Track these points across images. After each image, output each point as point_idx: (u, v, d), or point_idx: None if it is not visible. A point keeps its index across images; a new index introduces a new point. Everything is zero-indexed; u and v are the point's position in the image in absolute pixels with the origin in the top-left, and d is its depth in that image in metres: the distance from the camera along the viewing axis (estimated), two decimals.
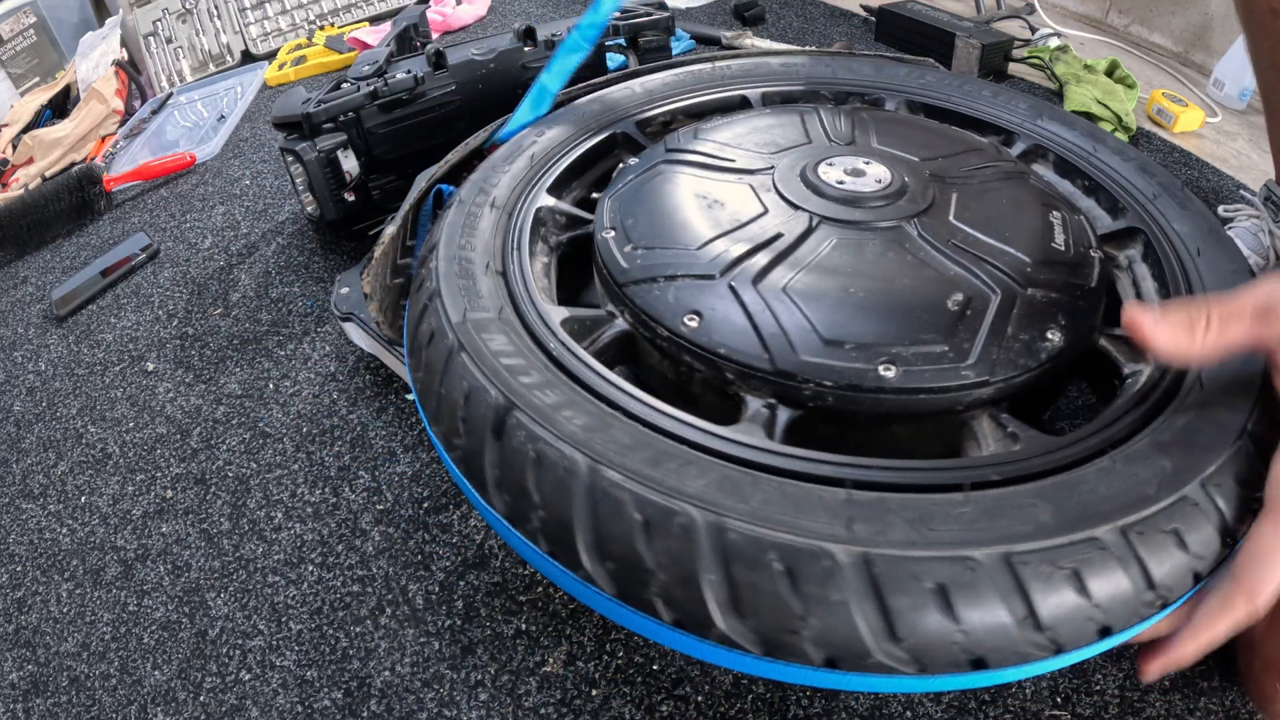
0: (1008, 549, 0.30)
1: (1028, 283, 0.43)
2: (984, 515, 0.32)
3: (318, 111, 0.75)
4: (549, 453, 0.35)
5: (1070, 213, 0.49)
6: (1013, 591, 0.30)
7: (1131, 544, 0.31)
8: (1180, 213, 0.50)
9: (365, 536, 0.57)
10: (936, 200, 0.49)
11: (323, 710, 0.48)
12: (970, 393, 0.39)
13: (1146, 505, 0.32)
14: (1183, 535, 0.32)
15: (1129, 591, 0.31)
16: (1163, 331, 0.35)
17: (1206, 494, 0.33)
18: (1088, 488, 0.33)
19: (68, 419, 0.74)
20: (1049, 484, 0.34)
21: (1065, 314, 0.42)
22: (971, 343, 0.40)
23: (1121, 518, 0.32)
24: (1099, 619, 0.31)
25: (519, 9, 1.47)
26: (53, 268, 0.97)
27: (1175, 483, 0.33)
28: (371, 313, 0.58)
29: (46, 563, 0.61)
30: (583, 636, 0.50)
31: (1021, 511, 0.32)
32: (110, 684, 0.52)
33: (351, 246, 0.86)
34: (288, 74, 1.30)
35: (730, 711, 0.45)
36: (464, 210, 0.52)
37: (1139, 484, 0.33)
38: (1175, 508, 0.33)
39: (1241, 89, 0.99)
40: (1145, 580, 0.31)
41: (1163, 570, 0.31)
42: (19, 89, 1.50)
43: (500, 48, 0.83)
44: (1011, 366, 0.39)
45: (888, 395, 0.38)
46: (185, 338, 0.79)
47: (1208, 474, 0.34)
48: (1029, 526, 0.31)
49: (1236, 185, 0.86)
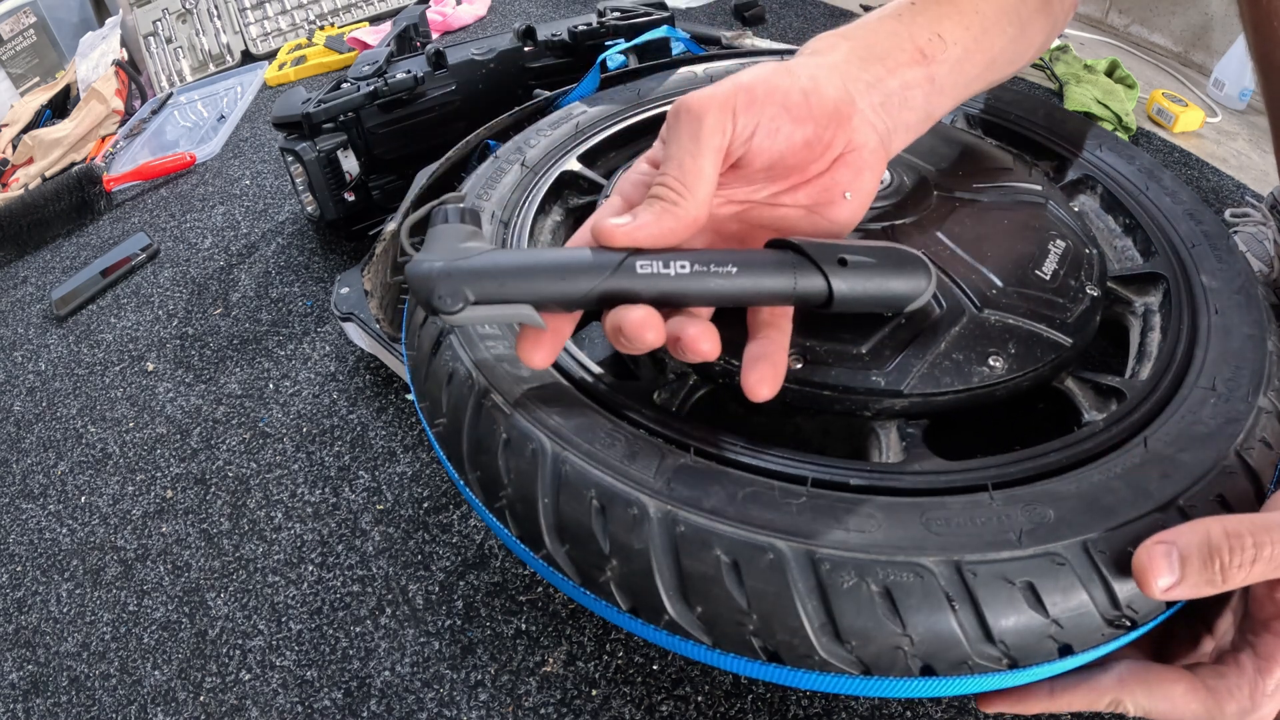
0: (812, 546, 0.31)
1: (985, 304, 0.42)
2: (808, 511, 0.32)
3: (318, 111, 0.75)
4: (459, 369, 0.38)
5: (1080, 246, 0.47)
6: (813, 591, 0.30)
7: (964, 580, 0.30)
8: (1215, 265, 0.46)
9: (365, 536, 0.57)
10: (929, 212, 0.48)
11: (323, 710, 0.48)
12: (880, 400, 0.38)
13: (999, 549, 0.30)
14: (1038, 590, 0.30)
15: (951, 629, 0.30)
16: (1179, 593, 0.29)
17: (1087, 558, 0.30)
18: (942, 515, 0.32)
19: (68, 419, 0.74)
20: (905, 502, 0.33)
21: (1020, 344, 0.40)
22: (893, 351, 0.39)
23: (959, 553, 0.30)
24: (907, 648, 0.30)
25: (519, 9, 1.47)
26: (53, 268, 0.97)
27: (1048, 535, 0.31)
28: (372, 310, 0.58)
29: (46, 563, 0.61)
30: (583, 636, 0.50)
31: (853, 519, 0.32)
32: (110, 684, 0.52)
33: (351, 246, 0.86)
34: (288, 74, 1.30)
35: (730, 711, 0.45)
36: (495, 165, 0.54)
37: (1004, 526, 0.31)
38: (1034, 561, 0.30)
39: (1241, 89, 0.99)
40: (979, 626, 0.30)
41: (1004, 622, 0.30)
42: (19, 89, 1.50)
43: (500, 48, 0.83)
44: (933, 384, 0.38)
45: (790, 385, 0.38)
46: (185, 338, 0.79)
47: (1094, 537, 0.31)
48: (845, 533, 0.31)
49: (1236, 185, 0.86)
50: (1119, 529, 0.31)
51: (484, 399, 0.37)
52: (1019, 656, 0.30)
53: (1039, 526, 0.31)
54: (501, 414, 0.36)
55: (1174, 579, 0.29)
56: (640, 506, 0.32)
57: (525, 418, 0.36)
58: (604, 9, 0.89)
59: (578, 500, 0.33)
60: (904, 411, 0.39)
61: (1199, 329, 0.42)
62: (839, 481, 0.34)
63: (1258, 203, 0.74)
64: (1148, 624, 0.32)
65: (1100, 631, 0.30)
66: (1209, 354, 0.40)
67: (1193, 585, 0.29)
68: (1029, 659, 0.30)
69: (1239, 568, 0.28)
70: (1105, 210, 0.54)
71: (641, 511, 0.32)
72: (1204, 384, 0.39)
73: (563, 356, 0.40)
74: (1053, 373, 0.41)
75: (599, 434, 0.36)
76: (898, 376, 0.38)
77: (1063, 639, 0.30)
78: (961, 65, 0.41)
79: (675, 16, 0.91)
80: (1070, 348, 0.41)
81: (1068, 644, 0.30)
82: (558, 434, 0.35)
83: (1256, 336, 0.41)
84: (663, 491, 0.33)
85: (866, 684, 0.31)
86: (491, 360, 0.39)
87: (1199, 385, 0.39)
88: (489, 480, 0.36)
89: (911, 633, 0.30)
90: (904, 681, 0.31)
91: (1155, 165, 0.55)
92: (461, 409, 0.38)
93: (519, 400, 0.37)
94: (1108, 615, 0.30)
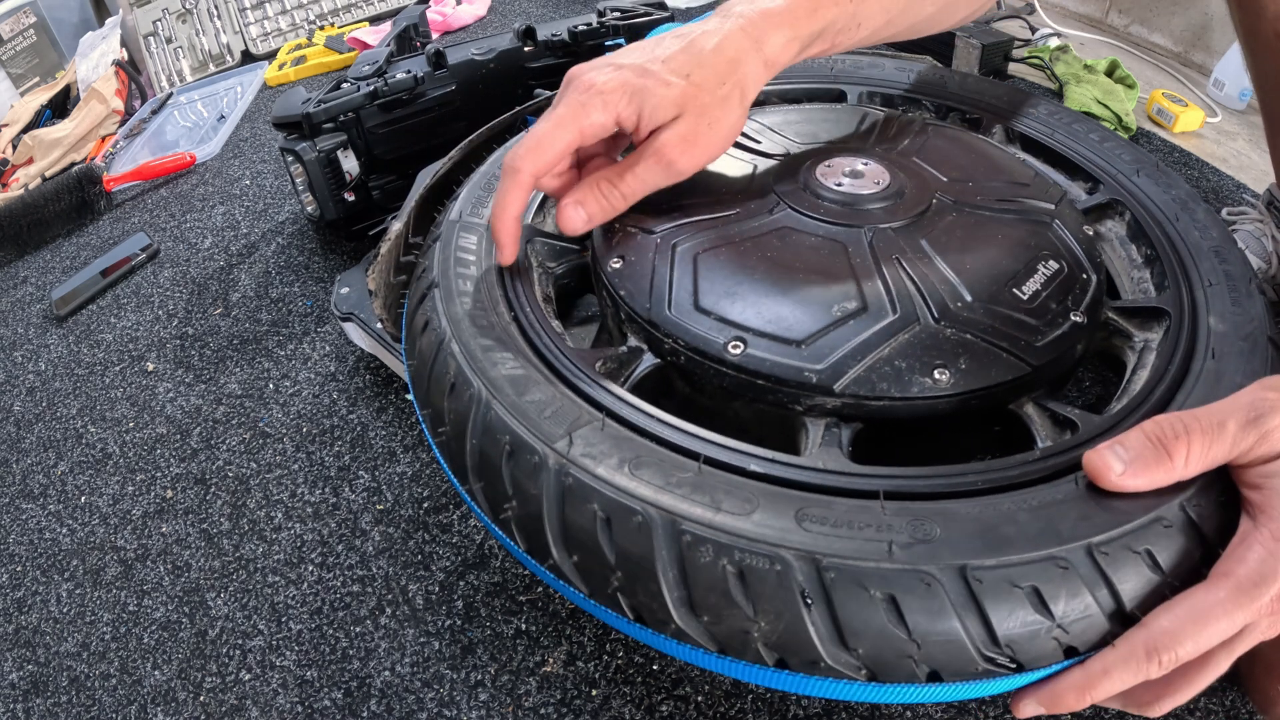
0: (678, 517, 0.32)
1: (944, 317, 0.40)
2: (688, 485, 0.33)
3: (318, 111, 0.75)
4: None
5: (1076, 270, 0.45)
6: (675, 561, 0.31)
7: (821, 578, 0.30)
8: (1228, 308, 0.44)
9: (365, 536, 0.57)
10: (922, 218, 0.47)
11: (323, 710, 0.48)
12: (811, 396, 0.38)
13: (865, 557, 0.30)
14: (900, 606, 0.29)
15: (804, 625, 0.30)
16: (1134, 478, 0.31)
17: (962, 584, 0.29)
18: (822, 513, 0.32)
19: (68, 419, 0.74)
20: (791, 495, 0.33)
21: (974, 361, 0.39)
22: (832, 349, 0.39)
23: (820, 552, 0.30)
24: (756, 634, 0.30)
25: (519, 9, 1.47)
26: (53, 268, 0.97)
27: (924, 554, 0.30)
28: (376, 310, 0.58)
29: (46, 563, 0.61)
30: (583, 636, 0.50)
31: (731, 500, 0.33)
32: (110, 684, 0.52)
33: (351, 246, 0.86)
34: (288, 74, 1.30)
35: (730, 711, 0.45)
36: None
37: (881, 536, 0.31)
38: (899, 575, 0.30)
39: (1241, 89, 0.99)
40: (832, 628, 0.30)
41: (858, 629, 0.29)
42: (19, 89, 1.50)
43: (500, 48, 0.83)
44: (868, 387, 0.38)
45: (727, 370, 0.40)
46: (185, 338, 0.79)
47: (976, 564, 0.30)
48: (714, 513, 0.32)
49: (1236, 185, 0.86)
50: (1009, 565, 0.30)
51: (445, 344, 0.41)
52: (876, 669, 0.30)
53: (917, 543, 0.30)
54: (454, 360, 0.40)
55: (1123, 465, 0.31)
56: (541, 456, 0.35)
57: (470, 367, 0.40)
58: (604, 9, 0.89)
59: (493, 443, 0.37)
60: (836, 411, 0.39)
61: (1189, 373, 0.40)
62: (735, 465, 0.35)
63: (1254, 200, 0.74)
64: (1035, 671, 0.30)
65: (974, 665, 0.29)
66: (1189, 400, 0.38)
67: (1143, 465, 0.31)
68: (889, 675, 0.30)
69: (1176, 439, 0.31)
70: (1130, 239, 0.52)
71: (541, 461, 0.35)
72: None
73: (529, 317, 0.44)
74: (1008, 395, 0.39)
75: (531, 388, 0.39)
76: (831, 375, 0.38)
77: (928, 662, 0.29)
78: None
79: (675, 16, 0.91)
80: (1031, 372, 0.39)
81: (935, 670, 0.29)
82: (494, 384, 0.38)
83: (1249, 383, 0.39)
84: (564, 447, 0.35)
85: (721, 663, 0.32)
86: (461, 314, 0.43)
87: None
88: (434, 416, 0.41)
89: (761, 619, 0.30)
90: (757, 669, 0.31)
91: (1192, 196, 0.52)
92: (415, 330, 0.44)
93: (463, 338, 0.41)
94: (984, 649, 0.29)
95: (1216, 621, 0.29)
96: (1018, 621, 0.29)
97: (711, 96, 0.43)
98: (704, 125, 0.44)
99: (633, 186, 0.45)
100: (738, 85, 0.44)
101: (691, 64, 0.43)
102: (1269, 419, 0.30)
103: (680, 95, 0.43)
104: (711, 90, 0.43)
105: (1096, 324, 0.43)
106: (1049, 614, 0.29)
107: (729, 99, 0.44)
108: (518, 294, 0.45)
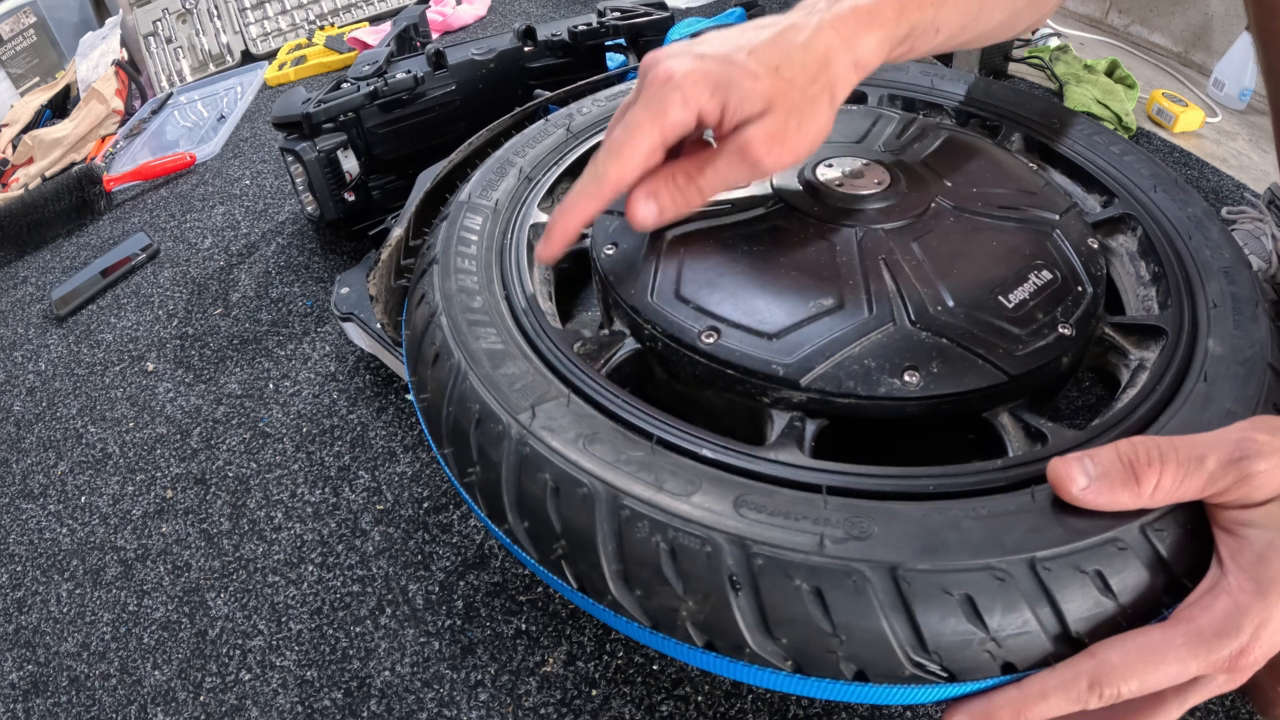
0: (619, 492, 0.33)
1: (921, 321, 0.40)
2: (635, 464, 0.34)
3: (318, 111, 0.75)
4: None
5: (1071, 282, 0.44)
6: (614, 534, 0.32)
7: (749, 564, 0.30)
8: (1229, 330, 0.42)
9: (365, 536, 0.57)
10: (918, 221, 0.47)
11: (323, 710, 0.48)
12: (777, 389, 0.38)
13: (796, 549, 0.30)
14: (825, 600, 0.29)
15: (731, 610, 0.30)
16: (1097, 495, 0.30)
17: (891, 583, 0.29)
18: (761, 501, 0.32)
19: (68, 419, 0.74)
20: (735, 481, 0.33)
21: (947, 366, 0.38)
22: (802, 344, 0.39)
23: (752, 539, 0.31)
24: (685, 614, 0.31)
25: (519, 9, 1.47)
26: (53, 268, 0.97)
27: (856, 550, 0.30)
28: (377, 315, 0.58)
29: (46, 563, 0.61)
30: (583, 636, 0.50)
31: (674, 481, 0.33)
32: (110, 684, 0.52)
33: (351, 246, 0.86)
34: (288, 74, 1.30)
35: (730, 711, 0.45)
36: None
37: (816, 529, 0.31)
38: (827, 569, 0.29)
39: (1242, 89, 0.99)
40: (759, 616, 0.30)
41: (783, 619, 0.29)
42: (19, 89, 1.50)
43: (500, 48, 0.83)
44: (834, 384, 0.38)
45: (700, 358, 0.40)
46: (185, 338, 0.79)
47: (907, 567, 0.29)
48: (655, 491, 0.33)
49: (1237, 185, 0.86)
50: (943, 570, 0.29)
51: (435, 317, 0.43)
52: (802, 661, 0.30)
53: (851, 539, 0.30)
54: (440, 331, 0.42)
55: (1087, 480, 0.30)
56: (505, 426, 0.36)
57: (454, 339, 0.41)
58: (604, 9, 0.89)
59: (465, 412, 0.38)
60: (801, 405, 0.39)
61: (1177, 394, 0.39)
62: (687, 449, 0.35)
63: (1255, 199, 0.74)
64: (971, 682, 0.29)
65: (902, 669, 0.29)
66: (1171, 422, 0.37)
67: (1108, 485, 0.30)
68: (814, 668, 0.30)
69: (1149, 465, 0.30)
70: (1140, 255, 0.51)
71: (504, 430, 0.36)
72: None
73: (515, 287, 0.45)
74: (981, 403, 0.39)
75: (507, 362, 0.40)
76: (798, 369, 0.38)
77: (854, 660, 0.29)
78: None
79: (675, 16, 0.91)
80: (1008, 381, 0.38)
81: (861, 669, 0.29)
82: (473, 356, 0.40)
83: (1235, 414, 0.37)
84: (527, 419, 0.36)
85: (654, 639, 0.33)
86: (455, 290, 0.44)
87: None
88: (419, 384, 0.43)
89: (690, 599, 0.31)
90: (694, 651, 0.31)
91: (1208, 214, 0.51)
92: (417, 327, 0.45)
93: (452, 312, 0.43)
94: (911, 652, 0.29)
95: (1167, 665, 0.28)
96: (949, 629, 0.29)
97: (802, 95, 0.40)
98: (793, 124, 0.40)
99: (711, 182, 0.41)
100: (828, 86, 0.41)
101: (780, 57, 0.40)
102: (1253, 462, 0.29)
103: (769, 89, 0.39)
104: (802, 88, 0.40)
105: (1088, 338, 0.42)
106: (983, 625, 0.28)
107: (818, 100, 0.41)
108: (516, 275, 0.46)
